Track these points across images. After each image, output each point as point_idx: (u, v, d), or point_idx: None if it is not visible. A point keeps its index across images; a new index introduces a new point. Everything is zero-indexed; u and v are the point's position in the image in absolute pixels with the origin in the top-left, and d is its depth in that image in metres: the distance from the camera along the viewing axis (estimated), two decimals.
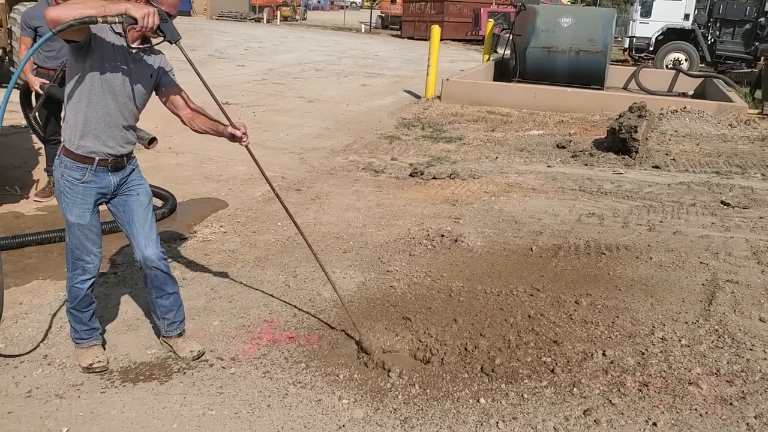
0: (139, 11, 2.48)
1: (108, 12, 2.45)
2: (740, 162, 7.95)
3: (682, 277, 4.43)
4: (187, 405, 2.85)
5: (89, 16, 2.42)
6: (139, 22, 2.50)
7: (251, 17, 37.22)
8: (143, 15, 2.49)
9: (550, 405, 2.96)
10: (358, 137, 8.79)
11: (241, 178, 6.53)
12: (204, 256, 4.59)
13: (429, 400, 2.96)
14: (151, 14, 2.51)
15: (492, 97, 11.75)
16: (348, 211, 5.65)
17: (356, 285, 4.16)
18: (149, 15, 2.50)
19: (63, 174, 2.84)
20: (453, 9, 29.27)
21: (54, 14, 2.39)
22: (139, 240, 2.99)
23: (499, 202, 6.03)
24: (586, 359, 3.33)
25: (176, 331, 3.23)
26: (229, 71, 14.82)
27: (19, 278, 4.08)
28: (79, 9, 2.42)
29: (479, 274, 4.39)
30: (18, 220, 5.09)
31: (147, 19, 2.50)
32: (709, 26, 18.63)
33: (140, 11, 2.49)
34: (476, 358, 3.31)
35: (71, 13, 2.40)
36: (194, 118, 3.02)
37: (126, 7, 2.49)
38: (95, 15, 2.43)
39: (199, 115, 3.03)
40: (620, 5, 37.82)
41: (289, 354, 3.30)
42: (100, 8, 2.45)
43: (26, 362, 3.17)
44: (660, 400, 3.02)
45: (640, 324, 3.75)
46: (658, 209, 5.96)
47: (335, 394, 2.97)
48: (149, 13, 2.50)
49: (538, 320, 3.75)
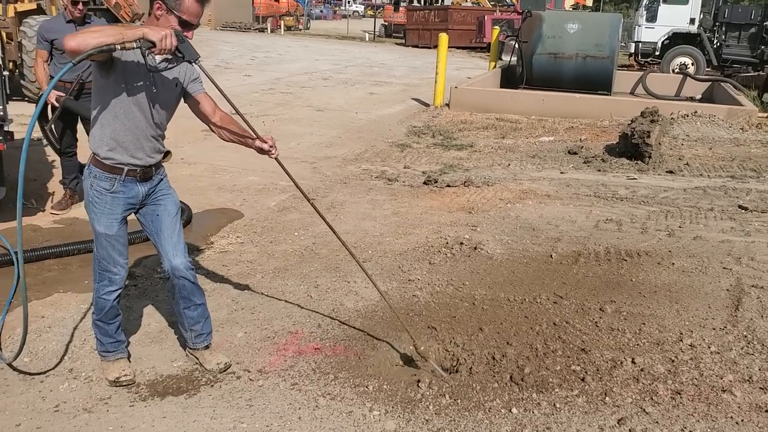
0: (156, 35, 2.48)
1: (126, 38, 2.46)
2: (754, 166, 7.90)
3: (706, 283, 4.39)
4: (218, 418, 2.82)
5: (108, 44, 2.43)
6: (158, 45, 2.49)
7: (255, 27, 37.30)
8: (161, 38, 2.48)
9: (583, 414, 2.92)
10: (369, 146, 8.78)
11: (254, 188, 6.52)
12: (222, 267, 4.57)
13: (460, 410, 2.93)
14: (168, 36, 2.50)
15: (500, 104, 11.74)
16: (364, 220, 5.63)
17: (378, 295, 4.12)
18: (166, 37, 2.49)
19: (92, 184, 2.83)
20: (457, 17, 29.35)
21: (73, 44, 2.40)
22: (167, 249, 2.97)
23: (515, 209, 6.00)
24: (615, 367, 3.29)
25: (204, 343, 3.21)
26: (237, 81, 14.85)
27: (40, 291, 4.06)
28: (97, 38, 2.42)
29: (501, 282, 4.36)
30: (35, 233, 5.08)
31: (165, 41, 2.49)
32: (715, 30, 18.64)
33: (157, 35, 2.48)
34: (505, 367, 3.28)
35: (90, 42, 2.41)
36: (222, 128, 3.02)
37: (143, 32, 2.49)
38: (113, 42, 2.44)
39: (228, 125, 3.02)
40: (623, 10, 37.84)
41: (317, 365, 3.27)
42: (118, 35, 2.46)
43: (52, 376, 3.15)
44: (694, 408, 2.98)
45: (668, 331, 3.71)
46: (676, 214, 5.92)
47: (366, 405, 2.94)
48: (166, 35, 2.49)
49: (563, 328, 3.71)
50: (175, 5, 2.66)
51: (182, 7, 2.66)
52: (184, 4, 2.66)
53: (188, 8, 2.68)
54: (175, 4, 2.66)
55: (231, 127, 3.02)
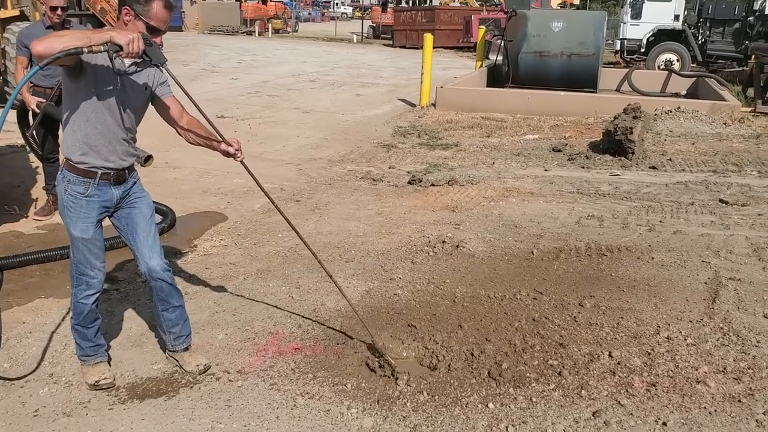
0: (123, 38, 2.50)
1: (93, 42, 2.47)
2: (736, 160, 7.98)
3: (685, 276, 4.44)
4: (196, 419, 2.84)
5: (75, 47, 2.45)
6: (125, 48, 2.51)
7: (243, 31, 37.26)
8: (127, 42, 2.50)
9: (559, 408, 2.95)
10: (354, 147, 8.81)
11: (239, 190, 6.53)
12: (205, 269, 4.58)
13: (438, 406, 2.96)
14: (135, 40, 2.52)
15: (486, 103, 11.79)
16: (348, 221, 5.65)
17: (360, 294, 4.16)
18: (134, 41, 2.51)
19: (66, 189, 2.84)
20: (444, 17, 29.39)
21: (40, 48, 2.42)
22: (143, 252, 2.99)
23: (498, 207, 6.04)
24: (592, 361, 3.33)
25: (183, 345, 3.22)
26: (223, 85, 14.85)
27: (21, 297, 4.07)
28: (64, 42, 2.45)
29: (482, 279, 4.40)
30: (18, 240, 5.08)
31: (131, 45, 2.51)
32: (699, 26, 18.75)
33: (124, 38, 2.50)
34: (483, 363, 3.31)
35: (57, 46, 2.42)
36: (189, 131, 3.04)
37: (110, 36, 2.50)
38: (80, 46, 2.46)
39: (194, 128, 3.04)
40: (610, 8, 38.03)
41: (296, 365, 3.29)
42: (85, 39, 2.48)
43: (32, 381, 3.16)
44: (669, 399, 3.02)
45: (645, 324, 3.75)
46: (657, 209, 5.97)
47: (344, 403, 2.97)
48: (133, 39, 2.51)
49: (542, 323, 3.75)
50: (142, 11, 2.68)
51: (150, 14, 2.69)
52: (152, 10, 2.69)
53: (156, 14, 2.70)
54: (142, 11, 2.68)
55: (198, 130, 3.04)
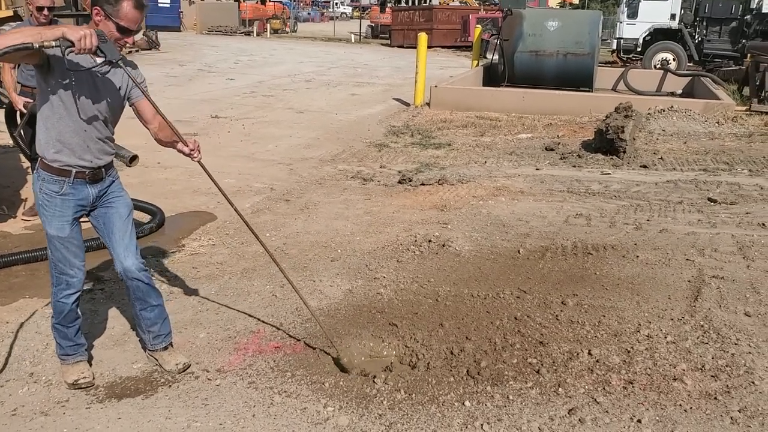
0: (75, 34, 2.50)
1: (44, 38, 2.48)
2: (727, 159, 7.99)
3: (668, 275, 4.45)
4: (172, 418, 2.85)
5: (25, 43, 2.46)
6: (76, 44, 2.51)
7: (241, 31, 37.25)
8: (79, 38, 2.50)
9: (535, 405, 2.96)
10: (347, 146, 8.82)
11: (229, 190, 6.42)
12: (192, 269, 4.59)
13: (414, 404, 2.97)
14: (88, 36, 2.52)
15: (481, 103, 11.80)
16: (336, 220, 5.66)
17: (343, 293, 4.17)
18: (86, 37, 2.51)
19: (41, 187, 2.86)
20: (442, 16, 29.40)
21: None
22: (119, 251, 3.00)
23: (488, 206, 6.04)
24: (571, 359, 3.34)
25: (162, 344, 3.23)
26: (219, 85, 14.86)
27: (5, 297, 4.08)
28: (15, 38, 2.47)
29: (466, 278, 4.41)
30: (5, 240, 5.09)
31: (84, 41, 2.51)
32: (696, 25, 18.76)
33: (76, 34, 2.50)
34: (462, 361, 3.32)
35: (6, 42, 2.44)
36: (160, 131, 3.06)
37: (62, 31, 2.52)
38: (31, 42, 2.47)
39: (164, 129, 3.06)
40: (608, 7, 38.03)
41: (275, 363, 3.30)
42: (36, 35, 2.49)
43: (12, 381, 3.17)
44: (645, 397, 3.02)
45: (626, 322, 3.76)
46: (645, 208, 5.98)
47: (320, 401, 2.98)
48: (86, 35, 2.51)
49: (524, 322, 3.75)
50: (112, 12, 2.69)
51: (119, 14, 2.70)
52: (122, 10, 2.69)
53: (125, 14, 2.71)
54: (112, 11, 2.69)
55: (165, 131, 3.06)
